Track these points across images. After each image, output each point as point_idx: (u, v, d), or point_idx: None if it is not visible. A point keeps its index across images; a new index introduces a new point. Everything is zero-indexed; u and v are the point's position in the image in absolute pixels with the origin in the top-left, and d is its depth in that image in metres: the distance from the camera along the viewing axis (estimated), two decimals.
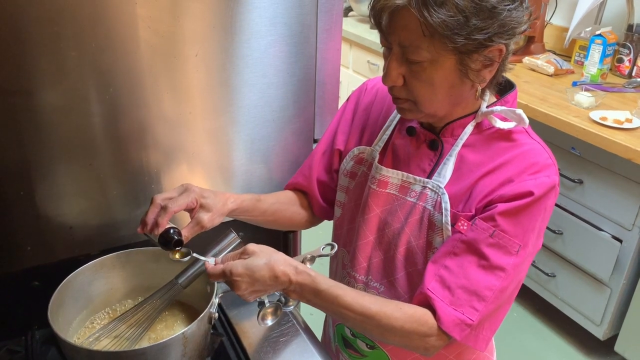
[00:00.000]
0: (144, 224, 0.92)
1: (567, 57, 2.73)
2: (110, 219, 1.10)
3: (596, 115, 2.06)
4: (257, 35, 1.09)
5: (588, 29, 2.60)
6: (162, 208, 0.91)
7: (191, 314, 1.05)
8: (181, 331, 0.88)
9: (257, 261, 0.85)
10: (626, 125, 2.00)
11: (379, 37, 0.88)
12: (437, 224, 0.92)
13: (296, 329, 1.11)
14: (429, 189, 0.93)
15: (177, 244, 0.91)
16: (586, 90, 2.26)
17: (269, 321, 0.92)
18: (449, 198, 0.91)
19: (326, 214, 1.16)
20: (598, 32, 2.44)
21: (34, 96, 0.94)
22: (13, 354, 1.01)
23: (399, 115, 0.99)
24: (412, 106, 0.89)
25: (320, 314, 0.98)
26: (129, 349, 0.94)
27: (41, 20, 0.90)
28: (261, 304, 0.91)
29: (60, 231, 1.06)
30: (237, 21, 1.06)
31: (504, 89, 0.95)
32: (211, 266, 0.89)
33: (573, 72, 2.59)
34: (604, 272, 2.14)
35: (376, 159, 1.01)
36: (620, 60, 2.52)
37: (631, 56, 2.48)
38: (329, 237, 1.11)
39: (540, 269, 2.39)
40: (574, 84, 2.41)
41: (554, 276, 2.36)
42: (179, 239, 0.91)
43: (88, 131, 1.01)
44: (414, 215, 0.95)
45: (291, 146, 1.25)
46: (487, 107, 0.92)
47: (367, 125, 1.07)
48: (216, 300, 0.96)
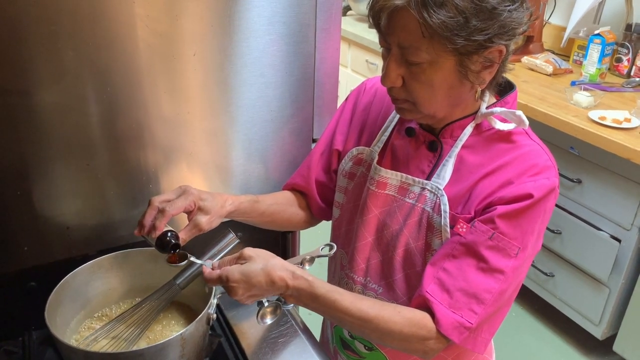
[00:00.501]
0: (141, 226, 0.91)
1: (565, 56, 2.73)
2: (108, 219, 1.10)
3: (595, 114, 2.06)
4: (255, 34, 1.09)
5: (584, 29, 2.60)
6: (159, 211, 0.91)
7: (189, 314, 1.05)
8: (179, 332, 0.88)
9: (253, 266, 0.85)
10: (625, 125, 2.00)
11: (378, 38, 0.87)
12: (435, 225, 0.92)
13: (295, 329, 1.11)
14: (428, 190, 0.93)
15: (175, 247, 0.91)
16: (585, 89, 2.25)
17: (268, 320, 0.92)
18: (448, 200, 0.90)
19: (325, 215, 1.15)
20: (597, 32, 2.44)
21: (31, 96, 0.93)
22: (10, 355, 1.00)
23: (398, 115, 0.99)
24: (411, 107, 0.89)
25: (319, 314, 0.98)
26: (126, 350, 0.93)
27: (39, 19, 0.89)
28: (260, 304, 0.91)
29: (58, 231, 1.06)
30: (235, 20, 1.05)
31: (504, 89, 0.95)
32: (208, 271, 0.89)
33: (572, 71, 2.58)
34: (602, 271, 2.14)
35: (375, 159, 1.00)
36: (619, 60, 2.52)
37: (630, 56, 2.48)
38: (327, 238, 1.11)
39: (538, 269, 2.39)
40: (573, 83, 2.41)
41: (553, 276, 2.36)
42: (176, 242, 0.90)
43: (85, 131, 1.01)
44: (413, 217, 0.94)
45: (289, 146, 1.25)
46: (487, 108, 0.92)
47: (366, 126, 1.06)
48: (214, 301, 0.95)
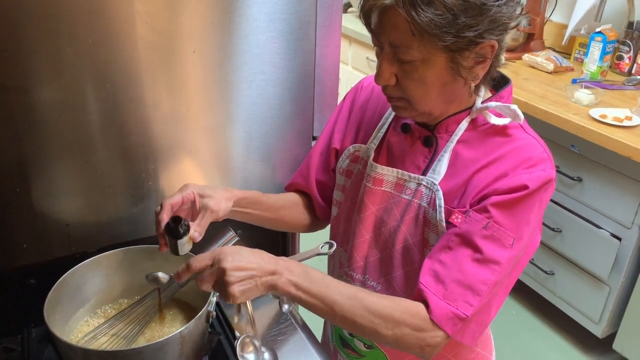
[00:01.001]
0: (161, 238, 0.94)
1: (567, 54, 2.73)
2: (107, 216, 1.10)
3: (596, 112, 2.06)
4: (255, 31, 1.08)
5: (586, 26, 2.59)
6: (160, 206, 0.92)
7: (189, 312, 1.05)
8: (178, 330, 0.88)
9: (240, 250, 0.84)
10: (626, 123, 2.00)
11: (371, 37, 0.87)
12: (432, 221, 0.91)
13: (294, 327, 1.11)
14: (424, 185, 0.92)
15: (176, 220, 0.90)
16: (586, 87, 2.25)
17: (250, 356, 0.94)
18: (444, 194, 0.90)
19: (328, 215, 1.15)
20: (598, 30, 2.43)
21: (30, 93, 0.93)
22: (9, 352, 1.00)
23: (394, 112, 0.99)
24: (407, 104, 0.89)
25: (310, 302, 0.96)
26: (125, 347, 0.93)
27: (37, 16, 0.89)
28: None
29: (57, 229, 1.05)
30: (235, 17, 1.05)
31: (498, 84, 0.95)
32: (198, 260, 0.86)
33: (573, 69, 2.58)
34: (602, 270, 2.14)
35: (371, 156, 1.00)
36: (620, 58, 2.51)
37: (631, 53, 2.47)
38: (326, 236, 1.11)
39: (538, 267, 2.39)
40: (574, 81, 2.41)
41: (553, 274, 2.36)
42: (175, 217, 0.90)
43: (85, 128, 1.00)
44: (410, 212, 0.94)
45: (290, 143, 1.24)
46: (482, 102, 0.92)
47: (363, 123, 1.06)
48: (214, 299, 0.96)
